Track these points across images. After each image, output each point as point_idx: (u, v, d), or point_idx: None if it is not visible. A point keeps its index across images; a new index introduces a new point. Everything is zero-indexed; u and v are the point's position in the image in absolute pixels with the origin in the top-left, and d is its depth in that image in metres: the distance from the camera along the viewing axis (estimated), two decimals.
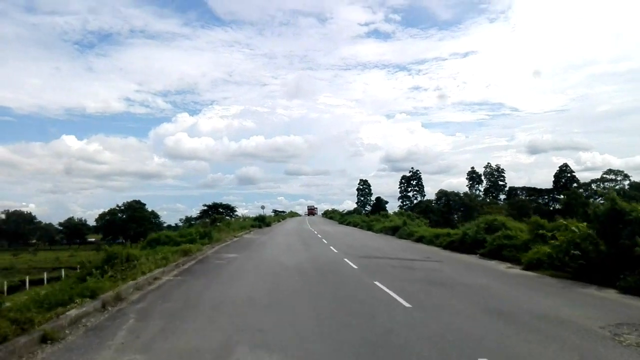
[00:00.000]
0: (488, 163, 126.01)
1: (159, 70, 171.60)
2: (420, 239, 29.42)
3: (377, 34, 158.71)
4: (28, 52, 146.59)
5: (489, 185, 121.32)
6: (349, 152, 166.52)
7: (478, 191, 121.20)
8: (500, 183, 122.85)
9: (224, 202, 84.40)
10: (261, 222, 53.64)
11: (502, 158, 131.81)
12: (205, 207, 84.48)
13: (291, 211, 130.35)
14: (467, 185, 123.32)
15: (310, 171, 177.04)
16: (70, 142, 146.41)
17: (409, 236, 31.99)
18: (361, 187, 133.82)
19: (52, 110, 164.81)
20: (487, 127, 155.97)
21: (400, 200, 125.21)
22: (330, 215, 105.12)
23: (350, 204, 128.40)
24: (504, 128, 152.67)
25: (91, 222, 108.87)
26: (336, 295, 10.62)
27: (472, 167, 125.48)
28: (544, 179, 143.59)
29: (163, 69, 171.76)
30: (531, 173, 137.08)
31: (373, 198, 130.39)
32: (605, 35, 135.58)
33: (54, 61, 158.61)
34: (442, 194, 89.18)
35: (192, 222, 78.87)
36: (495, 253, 19.41)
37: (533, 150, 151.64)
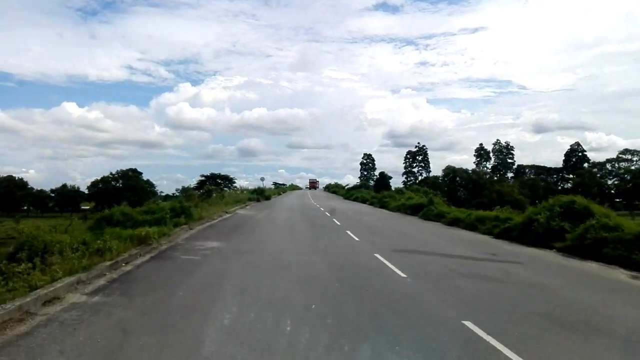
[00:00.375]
0: (497, 140, 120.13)
1: (162, 39, 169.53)
2: (454, 222, 23.49)
3: (385, 7, 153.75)
4: (31, 18, 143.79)
5: (497, 162, 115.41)
6: (353, 126, 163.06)
7: (486, 168, 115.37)
8: (509, 161, 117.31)
9: (222, 173, 79.12)
10: (260, 195, 48.47)
11: (508, 136, 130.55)
12: (203, 178, 78.56)
13: (292, 184, 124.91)
14: (474, 162, 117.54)
15: (312, 144, 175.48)
16: (71, 109, 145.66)
17: (437, 218, 26.04)
18: (365, 161, 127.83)
19: (55, 77, 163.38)
20: (493, 105, 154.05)
21: (405, 175, 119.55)
22: (333, 189, 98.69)
23: (351, 179, 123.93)
24: (510, 106, 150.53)
25: (86, 190, 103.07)
26: None
27: (481, 144, 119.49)
28: (549, 158, 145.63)
29: (166, 38, 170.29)
30: (536, 152, 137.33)
31: (376, 173, 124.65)
32: (616, 14, 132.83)
33: (57, 28, 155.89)
34: (449, 170, 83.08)
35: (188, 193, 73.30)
36: (588, 250, 13.51)
37: (539, 129, 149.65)
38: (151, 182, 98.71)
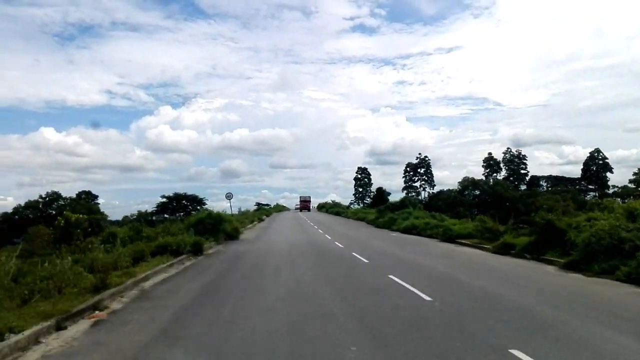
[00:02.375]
0: (508, 148, 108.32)
1: (141, 63, 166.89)
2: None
3: (362, 29, 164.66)
4: (7, 44, 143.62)
5: (509, 173, 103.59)
6: (335, 145, 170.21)
7: (496, 180, 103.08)
8: (522, 172, 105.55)
9: (189, 193, 64.98)
10: (212, 228, 23.14)
11: (486, 152, 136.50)
12: (165, 199, 64.88)
13: (277, 204, 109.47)
14: (483, 174, 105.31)
15: (295, 164, 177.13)
16: (48, 134, 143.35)
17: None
18: (359, 176, 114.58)
19: (32, 102, 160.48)
20: (471, 122, 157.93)
21: (405, 191, 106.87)
22: (330, 208, 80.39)
23: (335, 197, 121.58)
24: (487, 122, 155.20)
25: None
26: None
27: (490, 153, 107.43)
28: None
29: (145, 62, 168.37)
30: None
31: (373, 189, 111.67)
32: (587, 31, 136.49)
33: (33, 53, 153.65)
34: (468, 182, 70.44)
35: (148, 219, 59.24)
36: None
37: (517, 143, 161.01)
38: (94, 208, 75.19)
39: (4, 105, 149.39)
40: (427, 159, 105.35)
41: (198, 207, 62.44)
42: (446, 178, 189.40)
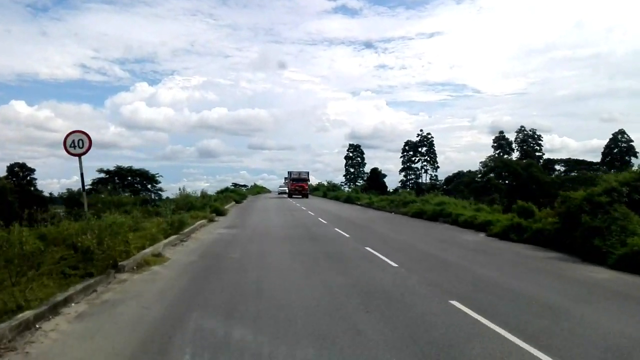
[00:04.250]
0: (521, 127, 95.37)
1: (117, 37, 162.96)
2: None
3: (344, 10, 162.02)
4: None
5: (522, 154, 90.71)
6: (315, 127, 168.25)
7: (529, 161, 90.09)
8: (537, 154, 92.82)
9: (135, 167, 50.26)
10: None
11: (464, 138, 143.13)
12: (103, 175, 50.25)
13: (256, 184, 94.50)
14: (494, 155, 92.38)
15: (274, 145, 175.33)
16: (19, 107, 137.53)
17: None
18: (351, 154, 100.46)
19: (3, 75, 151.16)
20: (450, 108, 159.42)
21: (404, 173, 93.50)
22: (328, 192, 63.52)
23: (313, 180, 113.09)
24: (466, 109, 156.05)
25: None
26: None
27: (501, 132, 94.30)
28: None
29: (121, 36, 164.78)
30: (490, 153, 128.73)
31: (366, 169, 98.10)
32: (566, 22, 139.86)
33: (4, 24, 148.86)
34: (497, 162, 56.95)
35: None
36: None
37: (494, 130, 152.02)
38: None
39: None
40: (429, 136, 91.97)
41: (149, 186, 48.48)
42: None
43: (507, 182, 51.25)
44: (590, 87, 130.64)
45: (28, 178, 70.01)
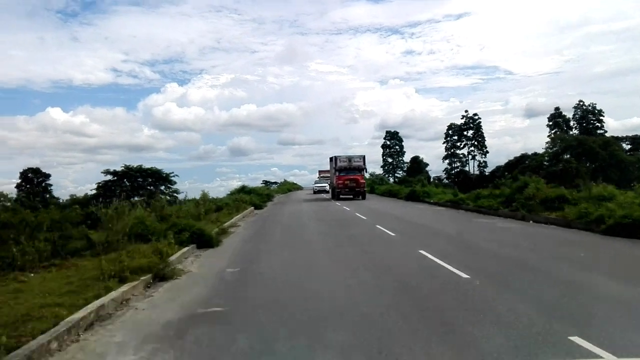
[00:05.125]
0: (580, 102, 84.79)
1: (145, 39, 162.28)
2: None
3: None
4: (11, 23, 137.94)
5: (582, 133, 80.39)
6: (344, 119, 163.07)
7: (606, 138, 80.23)
8: (599, 132, 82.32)
9: (146, 166, 44.03)
10: None
11: (497, 123, 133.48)
12: (111, 176, 44.25)
13: (286, 181, 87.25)
14: (548, 135, 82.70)
15: (304, 140, 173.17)
16: (55, 114, 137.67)
17: None
18: (389, 142, 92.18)
19: (38, 82, 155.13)
20: (481, 92, 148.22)
21: (447, 160, 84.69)
22: (378, 188, 47.83)
23: None
24: (498, 92, 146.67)
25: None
26: None
27: (557, 108, 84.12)
28: (541, 143, 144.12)
29: (150, 37, 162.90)
30: (526, 137, 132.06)
31: (406, 159, 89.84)
32: None
33: (38, 31, 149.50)
34: (572, 139, 48.15)
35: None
36: None
37: (529, 113, 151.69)
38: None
39: (12, 86, 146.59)
40: (476, 117, 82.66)
41: (162, 187, 42.18)
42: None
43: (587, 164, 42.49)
44: (628, 61, 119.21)
45: (43, 184, 65.48)
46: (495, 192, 21.66)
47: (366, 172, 41.63)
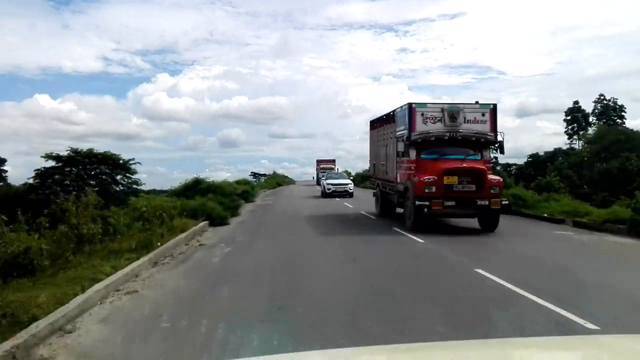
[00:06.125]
0: (600, 96, 77.57)
1: (137, 28, 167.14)
2: None
3: None
4: (3, 9, 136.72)
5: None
6: (336, 114, 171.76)
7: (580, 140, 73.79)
8: (620, 128, 75.05)
9: (98, 151, 36.10)
10: None
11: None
12: (55, 163, 36.15)
13: (276, 173, 76.79)
14: (565, 131, 75.75)
15: (295, 134, 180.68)
16: (44, 101, 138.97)
17: None
18: None
19: (28, 69, 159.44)
20: (473, 90, 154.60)
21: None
22: None
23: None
24: (490, 91, 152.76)
25: None
26: None
27: (576, 102, 76.93)
28: (530, 143, 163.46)
29: (142, 27, 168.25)
30: (516, 137, 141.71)
31: None
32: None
33: (29, 18, 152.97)
34: (615, 132, 41.13)
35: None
36: None
37: (521, 113, 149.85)
38: None
39: (3, 72, 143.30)
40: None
41: (119, 176, 34.45)
42: None
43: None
44: (618, 66, 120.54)
45: None
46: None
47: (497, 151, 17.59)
